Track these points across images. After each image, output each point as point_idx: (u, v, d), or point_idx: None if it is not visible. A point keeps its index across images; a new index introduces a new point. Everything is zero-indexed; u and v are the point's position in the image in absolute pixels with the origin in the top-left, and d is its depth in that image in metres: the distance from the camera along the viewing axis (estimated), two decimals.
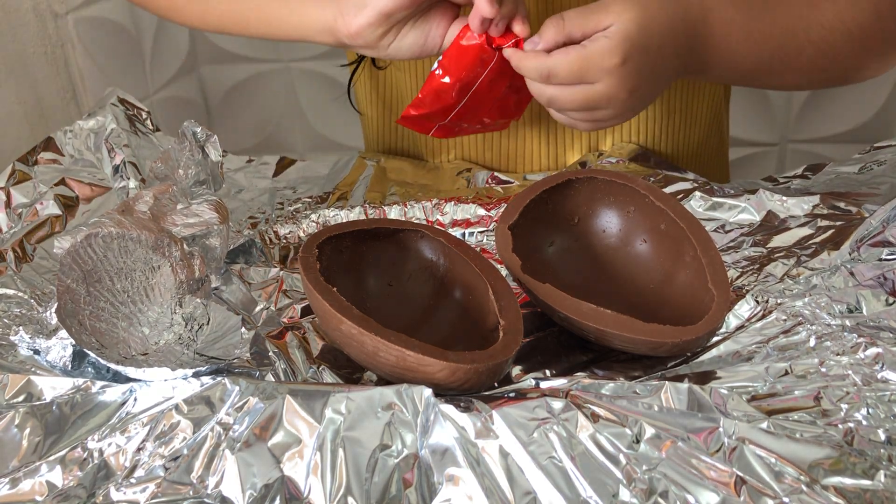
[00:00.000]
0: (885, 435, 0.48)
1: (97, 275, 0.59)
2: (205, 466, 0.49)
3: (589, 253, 0.67)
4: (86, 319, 0.57)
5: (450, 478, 0.47)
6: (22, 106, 0.96)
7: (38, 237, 0.71)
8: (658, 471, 0.46)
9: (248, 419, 0.50)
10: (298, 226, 0.78)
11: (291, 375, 0.58)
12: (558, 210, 0.67)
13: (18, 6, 0.95)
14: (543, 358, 0.60)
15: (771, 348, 0.57)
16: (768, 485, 0.45)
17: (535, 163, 0.89)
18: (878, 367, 0.53)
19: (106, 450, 0.50)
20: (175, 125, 0.75)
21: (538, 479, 0.46)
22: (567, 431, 0.48)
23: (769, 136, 1.34)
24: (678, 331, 0.56)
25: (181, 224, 0.65)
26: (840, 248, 0.65)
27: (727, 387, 0.53)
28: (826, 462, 0.46)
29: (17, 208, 0.73)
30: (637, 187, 0.65)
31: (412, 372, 0.53)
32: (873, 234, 0.63)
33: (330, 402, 0.50)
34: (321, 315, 0.57)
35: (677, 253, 0.64)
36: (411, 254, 0.65)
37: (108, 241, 0.60)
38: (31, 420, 0.51)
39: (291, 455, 0.49)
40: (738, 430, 0.47)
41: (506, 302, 0.58)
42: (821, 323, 0.58)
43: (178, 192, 0.69)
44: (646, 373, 0.58)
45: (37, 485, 0.49)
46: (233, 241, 0.73)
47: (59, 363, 0.57)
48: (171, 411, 0.51)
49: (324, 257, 0.60)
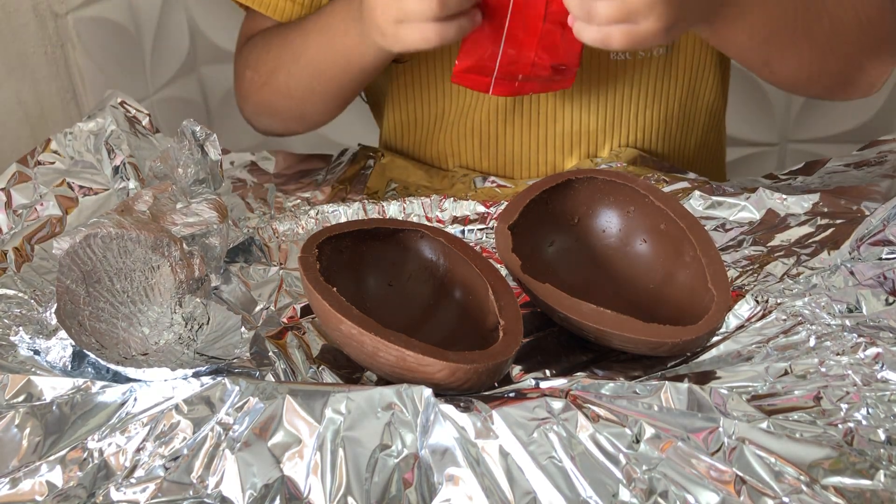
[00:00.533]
0: (884, 435, 0.48)
1: (96, 275, 0.59)
2: (205, 466, 0.49)
3: (589, 253, 0.67)
4: (85, 320, 0.57)
5: (450, 478, 0.47)
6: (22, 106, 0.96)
7: (38, 238, 0.71)
8: (658, 471, 0.46)
9: (248, 419, 0.50)
10: (297, 223, 0.78)
11: (291, 375, 0.58)
12: (558, 210, 0.67)
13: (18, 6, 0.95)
14: (543, 358, 0.60)
15: (771, 348, 0.57)
16: (768, 485, 0.45)
17: (532, 169, 0.89)
18: (878, 366, 0.53)
19: (106, 450, 0.50)
20: (175, 125, 0.75)
21: (538, 479, 0.46)
22: (567, 431, 0.48)
23: (769, 136, 1.33)
24: (678, 331, 0.56)
25: (181, 223, 0.65)
26: (840, 248, 0.65)
27: (727, 387, 0.53)
28: (826, 462, 0.46)
29: (18, 209, 0.73)
30: (637, 187, 0.65)
31: (412, 372, 0.53)
32: (873, 232, 0.63)
33: (330, 402, 0.50)
34: (321, 315, 0.57)
35: (677, 253, 0.64)
36: (411, 254, 0.65)
37: (107, 241, 0.59)
38: (31, 420, 0.51)
39: (291, 455, 0.49)
40: (737, 430, 0.47)
41: (506, 302, 0.58)
42: (821, 323, 0.58)
43: (177, 191, 0.69)
44: (645, 373, 0.58)
45: (37, 485, 0.49)
46: (232, 240, 0.73)
47: (58, 363, 0.57)
48: (171, 411, 0.51)
49: (324, 257, 0.60)
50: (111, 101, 0.82)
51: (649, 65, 0.84)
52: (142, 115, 0.83)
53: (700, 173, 0.84)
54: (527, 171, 0.89)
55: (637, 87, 0.85)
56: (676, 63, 0.85)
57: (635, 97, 0.85)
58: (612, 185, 0.66)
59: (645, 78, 0.85)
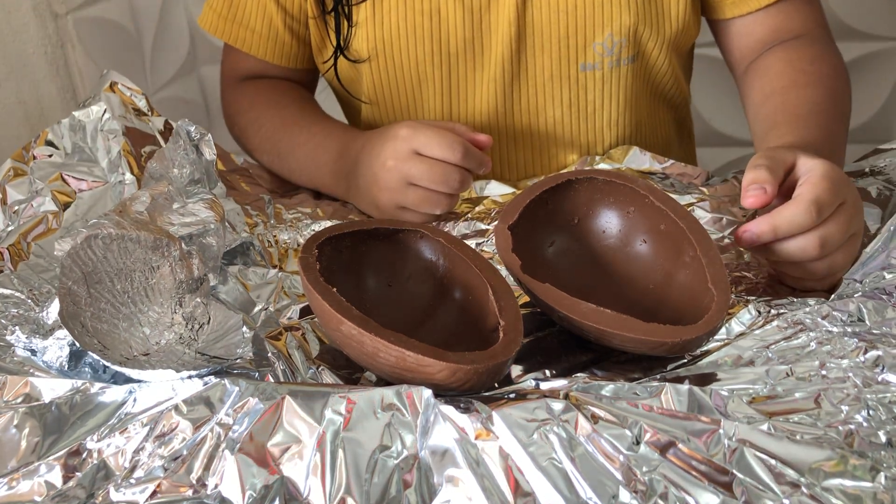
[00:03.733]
0: (885, 437, 0.48)
1: (97, 276, 0.59)
2: (204, 467, 0.49)
3: (589, 253, 0.67)
4: (87, 321, 0.57)
5: (449, 479, 0.47)
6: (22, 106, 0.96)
7: (34, 235, 0.70)
8: (658, 472, 0.46)
9: (247, 420, 0.50)
10: (299, 233, 0.78)
11: (291, 376, 0.58)
12: (558, 210, 0.67)
13: (18, 6, 0.95)
14: (543, 358, 0.60)
15: (772, 352, 0.57)
16: (768, 487, 0.45)
17: (520, 172, 0.90)
18: (879, 369, 0.53)
19: (105, 450, 0.50)
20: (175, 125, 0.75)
21: (538, 481, 0.46)
22: (567, 432, 0.48)
23: None
24: (678, 330, 0.56)
25: (178, 223, 0.65)
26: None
27: (727, 388, 0.53)
28: (826, 464, 0.46)
29: (13, 205, 0.72)
30: (637, 187, 0.65)
31: (412, 372, 0.53)
32: (875, 256, 0.63)
33: (330, 402, 0.50)
34: (321, 315, 0.57)
35: (677, 253, 0.64)
36: (411, 254, 0.65)
37: (107, 242, 0.59)
38: (30, 420, 0.51)
39: (291, 456, 0.48)
40: (738, 431, 0.47)
41: (506, 302, 0.58)
42: (821, 330, 0.58)
43: (173, 191, 0.69)
44: (645, 374, 0.58)
45: (36, 485, 0.49)
46: (229, 243, 0.73)
47: (55, 363, 0.57)
48: (170, 412, 0.51)
49: (323, 258, 0.60)
50: (105, 84, 0.81)
51: (617, 74, 0.86)
52: (137, 96, 0.82)
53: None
54: (522, 173, 0.90)
55: (610, 96, 0.87)
56: (643, 69, 0.87)
57: (608, 105, 0.87)
58: (611, 185, 0.66)
59: (616, 87, 0.86)
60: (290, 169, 0.89)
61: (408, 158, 0.76)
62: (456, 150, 0.75)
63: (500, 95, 0.85)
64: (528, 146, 0.89)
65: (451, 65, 0.84)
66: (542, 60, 0.84)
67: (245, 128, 0.93)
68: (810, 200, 0.61)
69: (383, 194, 0.78)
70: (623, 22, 0.82)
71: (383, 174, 0.77)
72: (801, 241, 0.61)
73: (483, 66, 0.84)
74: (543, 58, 0.84)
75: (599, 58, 0.84)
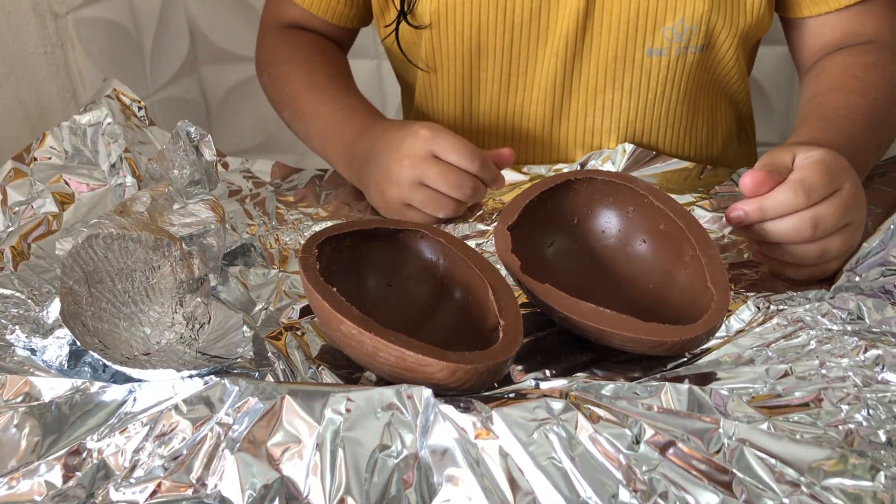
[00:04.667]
0: (885, 436, 0.48)
1: (98, 275, 0.59)
2: (204, 466, 0.49)
3: (588, 253, 0.67)
4: (88, 320, 0.57)
5: (449, 478, 0.47)
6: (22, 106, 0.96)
7: (35, 236, 0.71)
8: (658, 471, 0.46)
9: (247, 419, 0.50)
10: (301, 234, 0.78)
11: (291, 376, 0.58)
12: (558, 211, 0.67)
13: (18, 6, 0.95)
14: (543, 358, 0.60)
15: (771, 351, 0.57)
16: (768, 486, 0.45)
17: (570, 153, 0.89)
18: (879, 368, 0.53)
19: (105, 450, 0.50)
20: (175, 125, 0.75)
21: (538, 480, 0.46)
22: (567, 432, 0.48)
23: (769, 136, 1.33)
24: (677, 330, 0.56)
25: (178, 224, 0.65)
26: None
27: (727, 388, 0.53)
28: (826, 463, 0.46)
29: (14, 206, 0.73)
30: (636, 187, 0.65)
31: (412, 372, 0.53)
32: (874, 252, 0.63)
33: (330, 402, 0.50)
34: (321, 315, 0.57)
35: (676, 253, 0.64)
36: (411, 254, 0.65)
37: (108, 241, 0.59)
38: (30, 420, 0.51)
39: (291, 455, 0.49)
40: (738, 431, 0.47)
41: (506, 302, 0.58)
42: (821, 328, 0.58)
43: (174, 192, 0.69)
44: (645, 374, 0.58)
45: (36, 485, 0.49)
46: (229, 244, 0.73)
47: (55, 363, 0.57)
48: (170, 411, 0.51)
49: (324, 257, 0.60)
50: (107, 91, 0.81)
51: (683, 63, 0.84)
52: (136, 105, 0.83)
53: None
54: (557, 154, 0.90)
55: (672, 85, 0.85)
56: (710, 60, 0.86)
57: (668, 94, 0.86)
58: (611, 185, 0.66)
59: (680, 76, 0.85)
60: (308, 134, 0.89)
61: (424, 159, 0.75)
62: (474, 159, 0.75)
63: (560, 72, 0.84)
64: (581, 126, 0.87)
65: (514, 35, 0.83)
66: (607, 40, 0.82)
67: (275, 78, 0.93)
68: (796, 180, 0.62)
69: (392, 188, 0.77)
70: (696, 8, 0.80)
71: (397, 169, 0.76)
72: (795, 220, 0.62)
73: (546, 39, 0.83)
74: (610, 38, 0.82)
75: (668, 43, 0.82)
